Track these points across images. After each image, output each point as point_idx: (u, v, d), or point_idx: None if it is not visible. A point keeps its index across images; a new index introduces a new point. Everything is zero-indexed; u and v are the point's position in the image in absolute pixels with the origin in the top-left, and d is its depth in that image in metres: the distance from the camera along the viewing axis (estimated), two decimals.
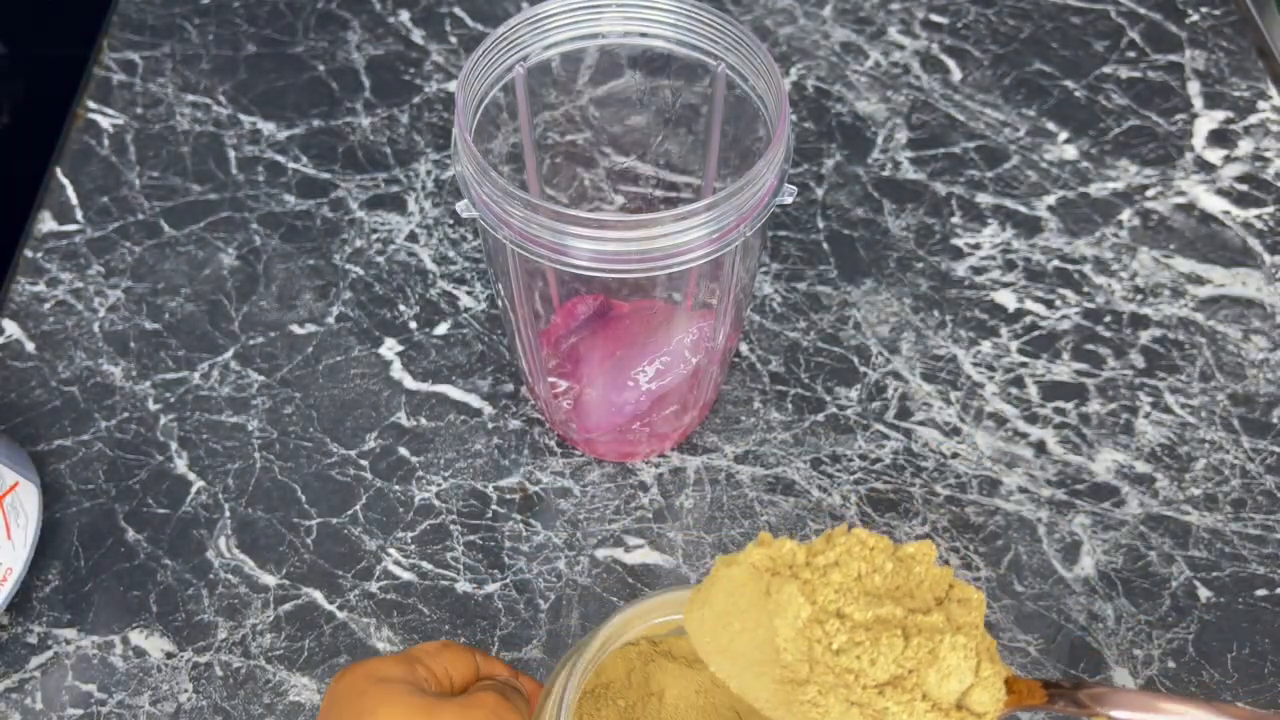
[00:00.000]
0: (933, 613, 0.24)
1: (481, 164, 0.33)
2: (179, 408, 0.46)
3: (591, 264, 0.33)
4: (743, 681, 0.25)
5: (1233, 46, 0.58)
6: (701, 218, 0.33)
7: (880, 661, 0.23)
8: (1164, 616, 0.41)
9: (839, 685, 0.23)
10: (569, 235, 0.32)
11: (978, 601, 0.24)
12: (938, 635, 0.23)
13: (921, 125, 0.55)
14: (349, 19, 0.58)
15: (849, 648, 0.23)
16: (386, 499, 0.44)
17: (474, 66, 0.35)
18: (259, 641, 0.41)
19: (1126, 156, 0.54)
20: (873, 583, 0.24)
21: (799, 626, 0.23)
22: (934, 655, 0.23)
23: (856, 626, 0.23)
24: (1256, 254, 0.51)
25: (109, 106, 0.55)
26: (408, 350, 0.48)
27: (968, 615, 0.24)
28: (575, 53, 0.37)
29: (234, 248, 0.51)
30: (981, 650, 0.24)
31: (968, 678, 0.23)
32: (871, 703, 0.23)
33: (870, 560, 0.24)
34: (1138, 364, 0.47)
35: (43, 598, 0.42)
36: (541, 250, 0.33)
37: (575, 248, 0.32)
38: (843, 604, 0.24)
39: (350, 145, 0.54)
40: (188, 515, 0.44)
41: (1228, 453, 0.45)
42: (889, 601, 0.24)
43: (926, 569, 0.25)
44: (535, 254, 0.33)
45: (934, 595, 0.25)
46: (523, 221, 0.33)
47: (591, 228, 0.32)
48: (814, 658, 0.23)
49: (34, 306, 0.49)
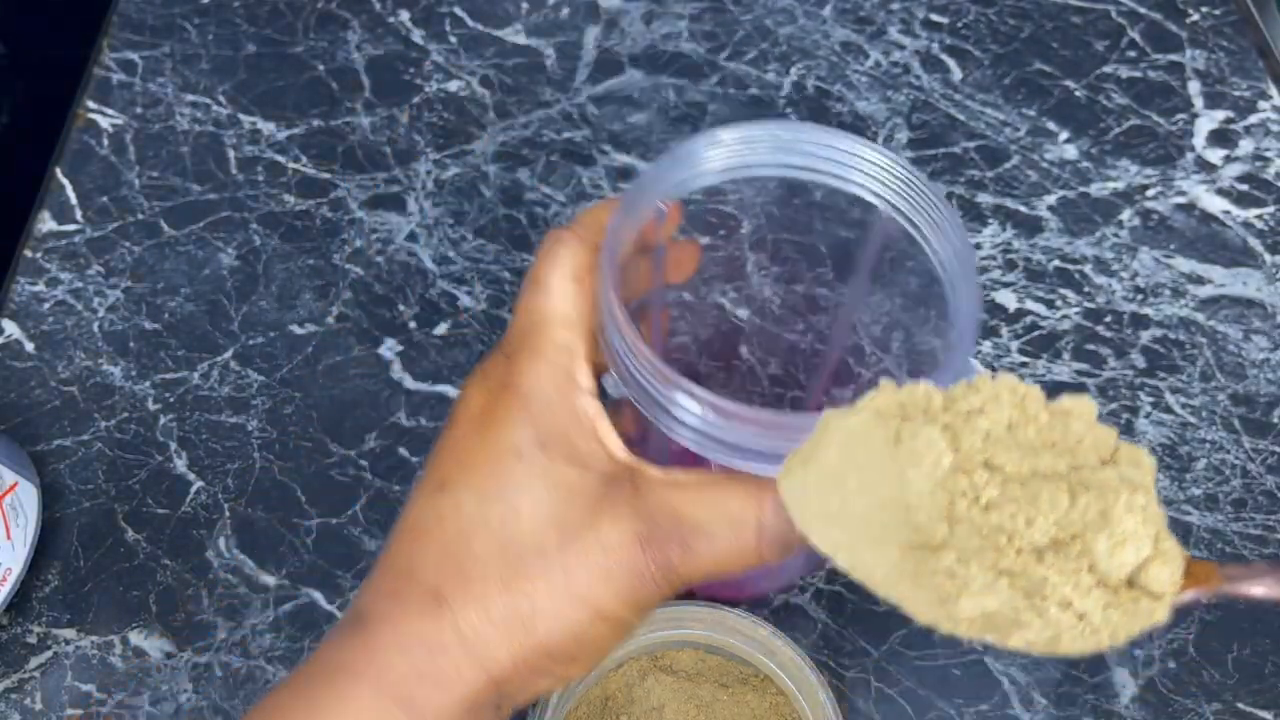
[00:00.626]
0: (1101, 471, 0.20)
1: (649, 358, 0.25)
2: (178, 408, 0.46)
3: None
4: (856, 554, 0.21)
5: (1233, 46, 0.58)
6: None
7: (1039, 521, 0.19)
8: None
9: (986, 549, 0.19)
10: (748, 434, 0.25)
11: (1150, 466, 0.20)
12: (1111, 493, 0.19)
13: (922, 125, 0.55)
14: (349, 19, 0.58)
15: (1001, 503, 0.19)
16: (386, 499, 0.44)
17: (624, 217, 0.28)
18: (258, 642, 0.41)
19: (1127, 156, 0.54)
20: (1026, 435, 0.20)
21: (939, 478, 0.20)
22: (1105, 517, 0.19)
23: (1009, 480, 0.19)
24: (1257, 254, 0.51)
25: (109, 106, 0.55)
26: (407, 350, 0.48)
27: (1142, 477, 0.20)
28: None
29: (233, 248, 0.51)
30: (1162, 522, 0.20)
31: (1146, 547, 0.19)
32: (1027, 571, 0.19)
33: (1023, 409, 0.21)
34: (1138, 364, 0.47)
35: (42, 598, 0.42)
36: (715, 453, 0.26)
37: (749, 449, 0.25)
38: (993, 454, 0.20)
39: (350, 145, 0.54)
40: (187, 515, 0.44)
41: (1228, 453, 0.45)
42: (1048, 455, 0.20)
43: (1088, 426, 0.21)
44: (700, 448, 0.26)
45: (1098, 455, 0.20)
46: (698, 422, 0.25)
47: (771, 431, 0.25)
48: (955, 516, 0.20)
49: (34, 306, 0.49)
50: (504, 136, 0.54)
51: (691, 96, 0.56)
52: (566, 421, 0.27)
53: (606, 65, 0.57)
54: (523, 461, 0.26)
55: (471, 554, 0.26)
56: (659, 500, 0.26)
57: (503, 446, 0.27)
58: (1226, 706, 0.40)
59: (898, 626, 0.41)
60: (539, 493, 0.26)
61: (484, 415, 0.27)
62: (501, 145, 0.54)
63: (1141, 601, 0.19)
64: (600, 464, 0.26)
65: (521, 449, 0.26)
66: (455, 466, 0.27)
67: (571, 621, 0.25)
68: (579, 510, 0.26)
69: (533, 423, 0.27)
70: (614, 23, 0.58)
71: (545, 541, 0.25)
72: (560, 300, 0.28)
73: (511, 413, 0.27)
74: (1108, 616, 0.19)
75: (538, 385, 0.27)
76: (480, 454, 0.27)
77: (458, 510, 0.26)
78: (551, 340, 0.28)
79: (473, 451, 0.27)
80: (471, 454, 0.27)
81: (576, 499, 0.26)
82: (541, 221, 0.52)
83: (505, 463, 0.26)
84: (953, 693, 0.40)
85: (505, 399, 0.27)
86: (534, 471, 0.26)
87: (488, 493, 0.26)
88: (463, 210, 0.52)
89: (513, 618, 0.25)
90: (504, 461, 0.26)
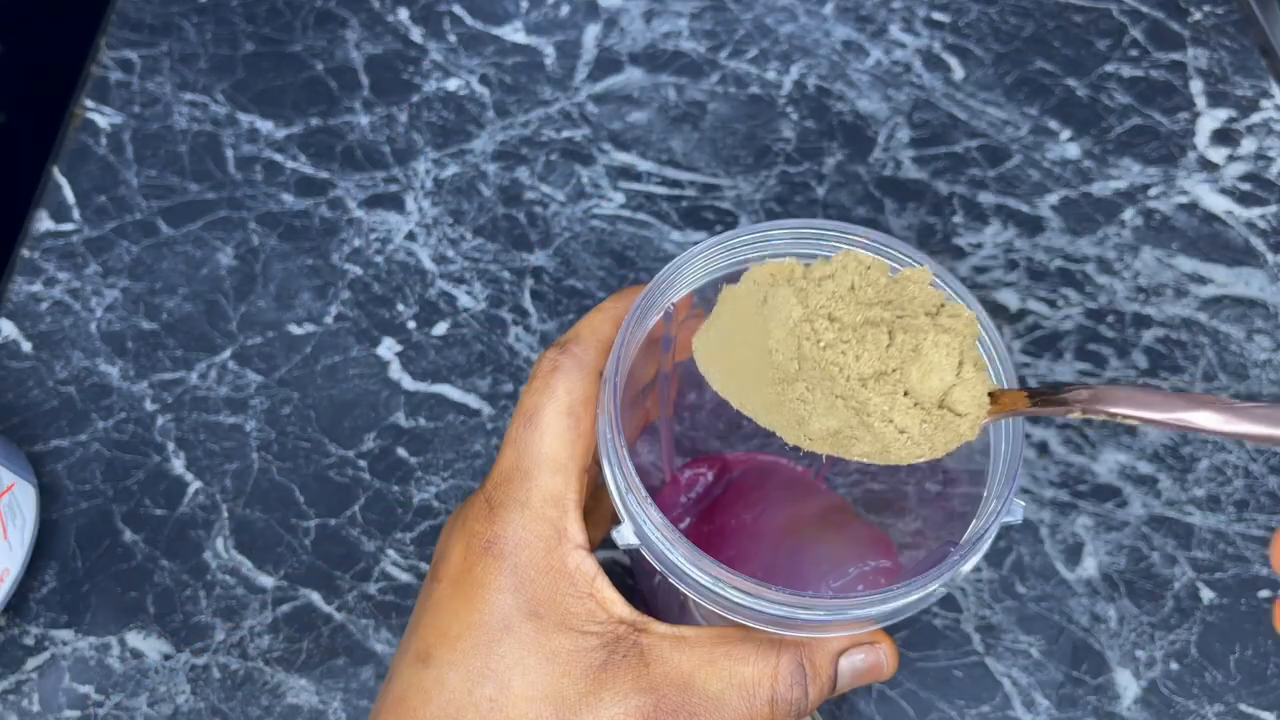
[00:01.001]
0: (920, 319, 0.25)
1: (666, 525, 0.25)
2: (176, 408, 0.46)
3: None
4: (742, 393, 0.26)
5: (1235, 45, 0.57)
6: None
7: (865, 356, 0.24)
8: (1167, 618, 0.41)
9: (825, 380, 0.24)
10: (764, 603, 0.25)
11: (968, 318, 0.25)
12: (922, 334, 0.24)
13: (923, 124, 0.55)
14: (347, 18, 0.58)
15: (835, 344, 0.24)
16: (385, 500, 0.44)
17: (632, 330, 0.27)
18: (256, 643, 0.41)
19: (1129, 155, 0.54)
20: (865, 295, 0.25)
21: (790, 326, 0.24)
22: (917, 352, 0.24)
23: (845, 327, 0.24)
24: (1259, 254, 0.50)
25: (106, 105, 0.55)
26: (406, 350, 0.48)
27: (955, 324, 0.25)
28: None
29: (232, 247, 0.50)
30: (967, 356, 0.25)
31: (949, 376, 0.24)
32: (855, 395, 0.24)
33: (865, 276, 0.25)
34: (1140, 364, 0.47)
35: (40, 599, 0.42)
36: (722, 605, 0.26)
37: (766, 613, 0.26)
38: (834, 308, 0.25)
39: (349, 144, 0.54)
40: (185, 516, 0.43)
41: (1231, 453, 0.45)
42: (879, 308, 0.25)
43: (921, 288, 0.26)
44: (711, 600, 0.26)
45: (925, 310, 0.25)
46: (710, 583, 0.25)
47: (782, 602, 0.25)
48: (802, 355, 0.24)
49: (31, 306, 0.49)
50: (503, 135, 0.54)
51: (691, 95, 0.56)
52: (557, 584, 0.25)
53: (606, 64, 0.56)
54: (511, 634, 0.24)
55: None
56: (666, 666, 0.24)
57: (489, 618, 0.25)
58: (1229, 708, 0.39)
59: (898, 627, 0.41)
60: (531, 665, 0.24)
61: (465, 578, 0.25)
62: (501, 144, 0.54)
63: (949, 418, 0.24)
64: (598, 626, 0.25)
65: (510, 621, 0.24)
66: (438, 638, 0.25)
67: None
68: (577, 682, 0.24)
69: (520, 589, 0.25)
70: (614, 21, 0.58)
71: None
72: (551, 440, 0.26)
73: (496, 578, 0.25)
74: (924, 431, 0.24)
75: (524, 546, 0.25)
76: (464, 625, 0.25)
77: (442, 688, 0.24)
78: (539, 490, 0.26)
79: (456, 621, 0.25)
80: (455, 625, 0.25)
81: (574, 670, 0.24)
82: (541, 221, 0.51)
83: (492, 636, 0.24)
84: (954, 694, 0.40)
85: (487, 562, 0.25)
86: (525, 644, 0.24)
87: (474, 671, 0.24)
88: (462, 209, 0.52)
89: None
90: (491, 634, 0.24)
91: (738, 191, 0.52)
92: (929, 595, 0.26)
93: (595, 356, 0.27)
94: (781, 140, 0.54)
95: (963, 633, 0.41)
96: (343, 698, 0.40)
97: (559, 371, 0.27)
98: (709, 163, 0.53)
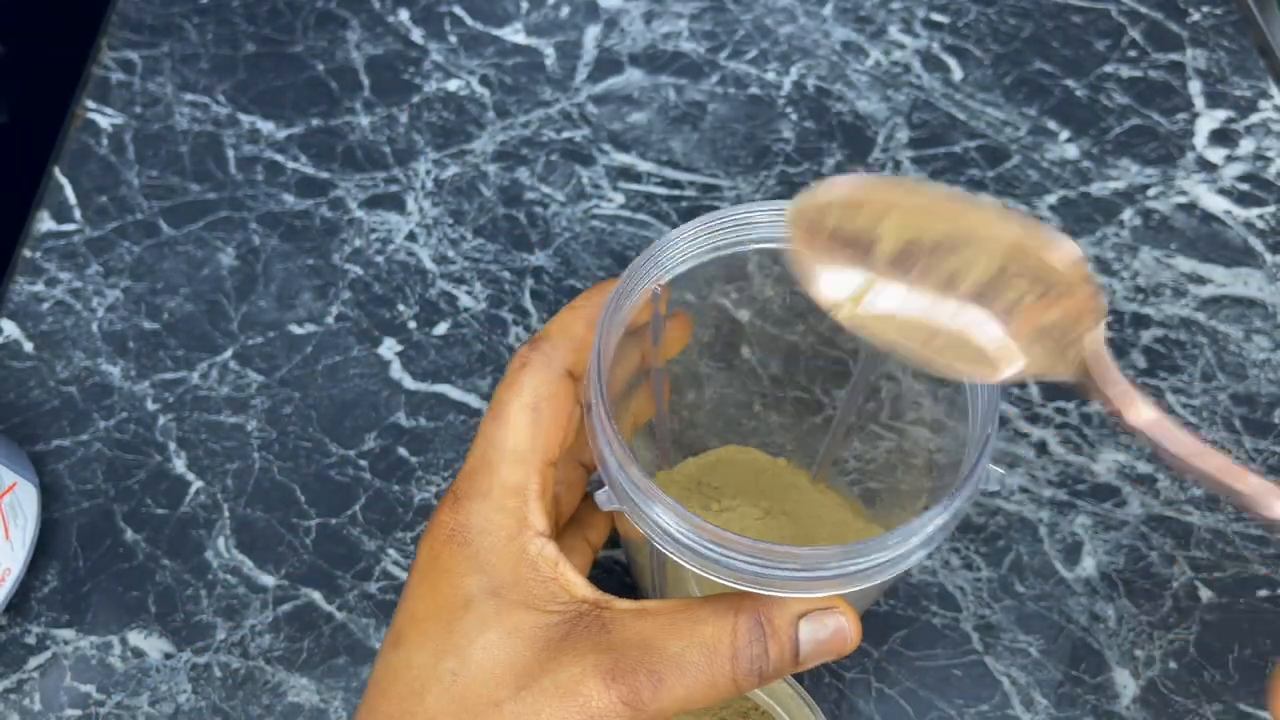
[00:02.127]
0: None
1: (642, 479, 0.25)
2: (178, 408, 0.46)
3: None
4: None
5: (1234, 46, 0.57)
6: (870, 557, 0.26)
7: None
8: (1165, 617, 0.41)
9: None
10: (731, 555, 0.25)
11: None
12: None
13: (922, 124, 0.55)
14: (348, 18, 0.58)
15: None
16: (386, 499, 0.44)
17: (614, 311, 0.27)
18: (258, 642, 0.41)
19: (1128, 156, 0.54)
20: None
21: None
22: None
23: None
24: (1258, 254, 0.51)
25: (108, 106, 0.55)
26: (407, 350, 0.48)
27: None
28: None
29: (233, 247, 0.51)
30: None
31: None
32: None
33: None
34: (1139, 364, 0.47)
35: (41, 598, 0.42)
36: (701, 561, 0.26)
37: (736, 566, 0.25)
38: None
39: (349, 145, 0.54)
40: (186, 515, 0.43)
41: (1229, 453, 0.45)
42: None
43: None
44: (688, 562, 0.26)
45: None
46: (689, 538, 0.25)
47: (756, 555, 0.25)
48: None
49: (32, 306, 0.49)
50: (503, 136, 0.54)
51: (691, 96, 0.56)
52: (519, 568, 0.26)
53: (606, 64, 0.57)
54: (472, 611, 0.25)
55: (425, 711, 0.25)
56: (627, 632, 0.25)
57: (452, 599, 0.26)
58: (1227, 707, 0.40)
59: (898, 626, 0.41)
60: (493, 640, 0.25)
61: (433, 565, 0.26)
62: (501, 144, 0.54)
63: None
64: (560, 606, 0.25)
65: (472, 599, 0.25)
66: (407, 621, 0.26)
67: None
68: (537, 653, 0.25)
69: (482, 571, 0.26)
70: (614, 22, 0.58)
71: (499, 692, 0.24)
72: (514, 432, 0.27)
73: (460, 563, 0.26)
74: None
75: (485, 533, 0.26)
76: (429, 607, 0.26)
77: (409, 667, 0.25)
78: (500, 482, 0.27)
79: (422, 605, 0.26)
80: (421, 608, 0.26)
81: (535, 642, 0.25)
82: (541, 221, 0.51)
83: (454, 614, 0.25)
84: (953, 693, 0.40)
85: (452, 549, 0.26)
86: (486, 620, 0.25)
87: (438, 648, 0.25)
88: (462, 210, 0.52)
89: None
90: (453, 613, 0.25)
91: (738, 192, 0.52)
92: (904, 555, 0.25)
93: (563, 354, 0.28)
94: (781, 141, 0.54)
95: (962, 632, 0.41)
96: (344, 697, 0.40)
97: (527, 368, 0.28)
98: (709, 163, 0.53)
